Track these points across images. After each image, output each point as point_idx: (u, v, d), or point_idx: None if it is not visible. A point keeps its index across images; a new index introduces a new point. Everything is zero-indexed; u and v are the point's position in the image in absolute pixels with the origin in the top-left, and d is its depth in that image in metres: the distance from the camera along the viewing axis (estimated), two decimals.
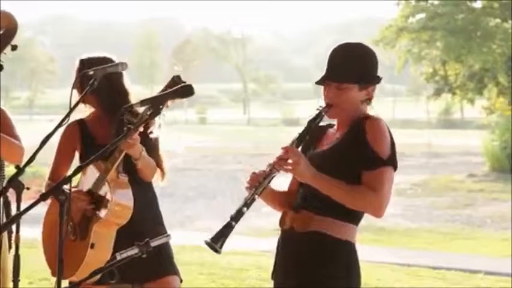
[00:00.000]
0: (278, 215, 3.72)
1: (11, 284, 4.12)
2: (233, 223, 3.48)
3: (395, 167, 3.50)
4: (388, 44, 26.01)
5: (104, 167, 4.24)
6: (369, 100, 3.59)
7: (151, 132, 4.30)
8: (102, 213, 4.28)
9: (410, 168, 24.70)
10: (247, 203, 3.51)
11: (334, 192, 3.44)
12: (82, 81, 4.23)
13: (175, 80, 3.81)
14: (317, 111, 3.60)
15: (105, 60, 4.43)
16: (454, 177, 23.52)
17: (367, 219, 3.65)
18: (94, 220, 4.31)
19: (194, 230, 13.44)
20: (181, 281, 4.58)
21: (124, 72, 4.50)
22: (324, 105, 3.61)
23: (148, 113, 3.58)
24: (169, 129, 4.63)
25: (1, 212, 4.21)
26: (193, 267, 9.54)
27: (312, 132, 3.63)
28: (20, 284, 4.64)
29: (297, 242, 3.55)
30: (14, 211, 4.30)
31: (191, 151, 28.14)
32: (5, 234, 4.16)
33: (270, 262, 11.40)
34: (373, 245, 12.55)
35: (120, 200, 4.27)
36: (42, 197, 3.36)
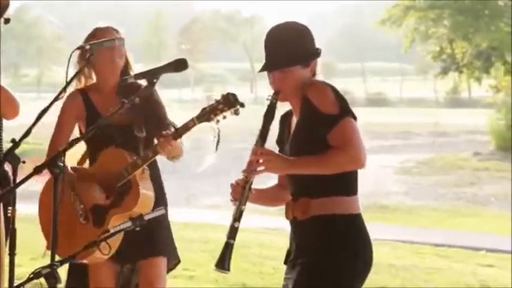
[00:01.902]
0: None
1: (6, 258, 4.13)
2: (231, 241, 3.52)
3: (353, 116, 3.50)
4: (394, 22, 25.89)
5: (132, 162, 4.21)
6: (314, 75, 3.60)
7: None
8: (124, 202, 4.25)
9: (417, 147, 24.71)
10: (237, 218, 3.53)
11: (312, 168, 3.46)
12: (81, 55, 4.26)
13: (230, 97, 3.78)
14: (267, 102, 3.60)
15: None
16: (459, 155, 23.51)
17: (371, 198, 3.66)
18: (113, 211, 4.27)
19: (199, 208, 13.48)
20: (178, 261, 4.59)
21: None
22: (271, 93, 3.60)
23: (144, 86, 3.59)
24: (176, 107, 4.62)
25: None
26: (196, 244, 9.59)
27: (282, 120, 3.67)
28: (22, 260, 4.67)
29: (302, 229, 3.57)
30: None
31: (197, 129, 28.01)
32: (0, 208, 4.17)
33: (271, 239, 11.48)
34: (376, 223, 12.56)
35: (146, 193, 4.25)
36: (36, 170, 3.39)
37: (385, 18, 25.80)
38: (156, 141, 4.19)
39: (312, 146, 3.48)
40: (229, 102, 3.71)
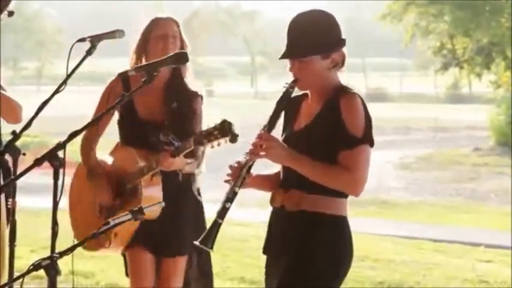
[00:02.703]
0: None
1: (7, 250, 4.14)
2: (219, 220, 3.50)
3: (371, 143, 3.49)
4: (395, 17, 25.87)
5: (140, 168, 4.27)
6: (336, 66, 3.56)
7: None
8: (130, 204, 4.25)
9: (416, 142, 24.71)
10: (230, 198, 3.52)
11: (311, 172, 3.46)
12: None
13: (226, 125, 3.78)
14: (284, 89, 3.60)
15: None
16: (459, 151, 23.52)
17: (371, 193, 3.67)
18: (119, 209, 4.32)
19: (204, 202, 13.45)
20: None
21: None
22: (289, 81, 3.60)
23: (143, 80, 3.58)
24: None
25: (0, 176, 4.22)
26: None
27: (287, 107, 3.64)
28: (22, 252, 4.67)
29: (289, 220, 3.56)
30: None
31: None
32: (2, 200, 4.18)
33: None
34: (376, 218, 12.58)
35: (150, 198, 4.26)
36: (37, 162, 3.38)
37: (386, 13, 25.79)
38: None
39: (319, 150, 3.48)
40: (224, 130, 3.69)
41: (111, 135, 4.71)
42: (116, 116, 4.54)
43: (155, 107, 4.43)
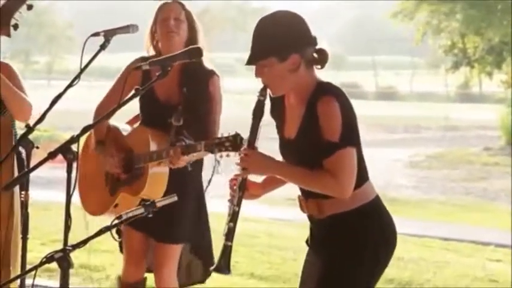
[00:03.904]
0: (291, 184, 3.73)
1: (20, 242, 4.16)
2: (229, 243, 3.51)
3: (353, 144, 3.44)
4: (406, 15, 25.84)
5: (150, 153, 4.30)
6: (297, 68, 3.45)
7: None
8: (134, 184, 4.36)
9: (426, 141, 24.67)
10: (232, 218, 3.54)
11: (296, 180, 3.49)
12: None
13: (237, 139, 3.69)
14: (257, 99, 3.56)
15: None
16: (469, 150, 23.47)
17: (380, 191, 3.67)
18: (123, 188, 4.42)
19: (209, 197, 13.47)
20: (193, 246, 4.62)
21: None
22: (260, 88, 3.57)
23: (157, 74, 3.59)
24: None
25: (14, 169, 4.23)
26: None
27: (273, 110, 3.64)
28: (33, 245, 4.68)
29: (320, 226, 3.59)
30: None
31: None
32: (17, 192, 4.19)
33: (280, 230, 11.45)
34: None
35: (154, 180, 4.33)
36: (50, 155, 3.39)
37: (397, 11, 25.76)
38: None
39: (306, 160, 3.47)
40: (235, 144, 3.65)
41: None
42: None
43: (172, 89, 4.45)
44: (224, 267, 3.51)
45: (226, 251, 3.50)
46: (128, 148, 4.48)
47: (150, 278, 4.81)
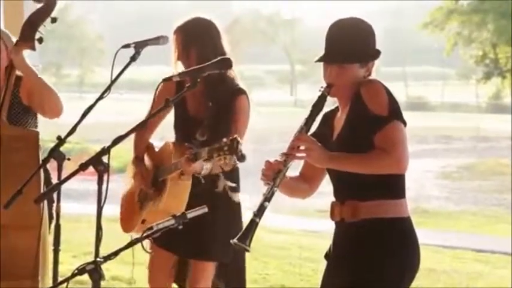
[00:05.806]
0: (321, 195, 3.71)
1: (51, 254, 4.17)
2: (257, 219, 3.46)
3: (401, 120, 3.47)
4: (437, 26, 25.72)
5: (168, 166, 4.31)
6: (368, 75, 3.56)
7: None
8: (157, 199, 4.37)
9: (458, 152, 24.51)
10: (268, 197, 3.49)
11: (352, 166, 3.44)
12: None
13: (234, 143, 3.67)
14: (319, 93, 3.58)
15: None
16: (501, 161, 23.29)
17: (412, 202, 3.63)
18: (149, 200, 4.44)
19: None
20: (225, 263, 4.59)
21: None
22: (324, 85, 3.58)
23: (186, 85, 3.60)
24: None
25: (42, 182, 4.25)
26: None
27: (325, 118, 3.66)
28: (64, 258, 4.70)
29: (350, 231, 3.55)
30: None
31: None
32: (45, 203, 4.21)
33: (311, 241, 11.43)
34: (417, 227, 12.45)
35: (171, 194, 4.32)
36: (82, 167, 3.40)
37: (428, 22, 25.65)
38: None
39: (358, 143, 3.46)
40: (232, 148, 3.62)
41: None
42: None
43: (200, 103, 4.44)
44: (246, 240, 3.42)
45: (252, 226, 3.44)
46: (157, 163, 4.49)
47: None
